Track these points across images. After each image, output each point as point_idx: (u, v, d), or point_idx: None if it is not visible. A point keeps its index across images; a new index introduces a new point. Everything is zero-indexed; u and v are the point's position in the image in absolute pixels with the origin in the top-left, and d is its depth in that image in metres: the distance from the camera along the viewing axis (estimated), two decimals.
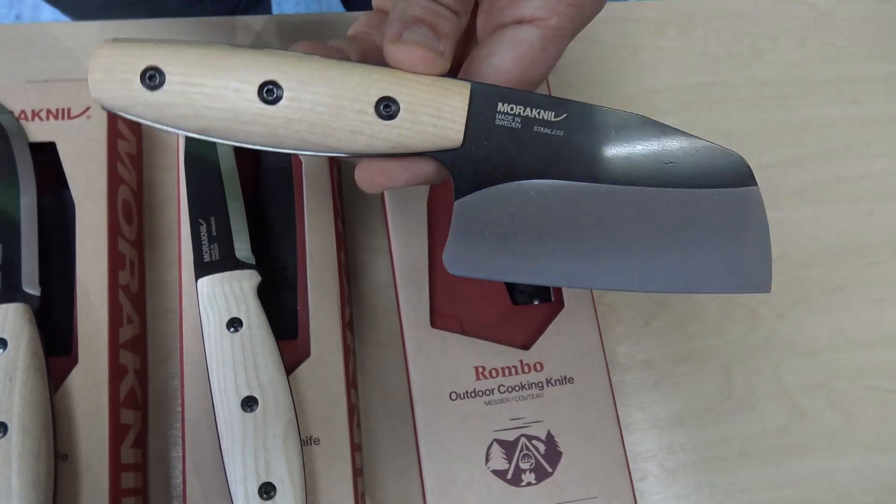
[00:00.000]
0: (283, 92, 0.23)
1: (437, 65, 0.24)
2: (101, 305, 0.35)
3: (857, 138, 0.48)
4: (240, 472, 0.31)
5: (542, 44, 0.26)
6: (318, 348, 0.35)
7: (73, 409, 0.34)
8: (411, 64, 0.24)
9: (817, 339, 0.44)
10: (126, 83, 0.23)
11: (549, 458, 0.35)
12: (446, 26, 0.24)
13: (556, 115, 0.24)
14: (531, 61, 0.26)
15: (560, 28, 0.26)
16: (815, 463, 0.42)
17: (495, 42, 0.26)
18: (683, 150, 0.25)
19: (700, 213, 0.25)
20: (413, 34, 0.24)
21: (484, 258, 0.25)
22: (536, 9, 0.26)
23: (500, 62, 0.25)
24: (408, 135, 0.24)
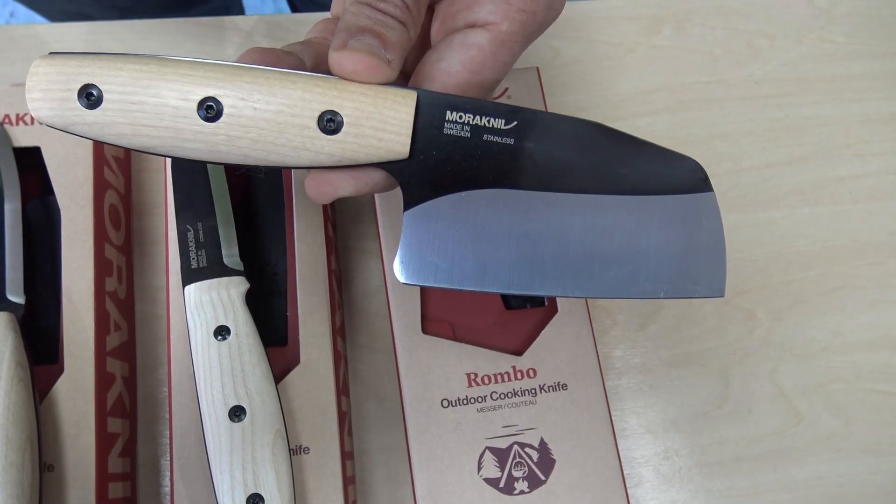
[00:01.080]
0: (222, 108, 0.23)
1: (383, 72, 0.24)
2: (88, 313, 0.35)
3: (855, 137, 0.48)
4: (227, 484, 0.31)
5: (492, 48, 0.25)
6: (308, 355, 0.35)
7: (59, 418, 0.33)
8: (355, 71, 0.23)
9: (815, 341, 0.44)
10: (64, 102, 0.23)
11: (543, 466, 0.35)
12: (393, 36, 0.24)
13: (506, 122, 0.24)
14: (480, 64, 0.25)
15: (511, 33, 0.26)
16: (813, 467, 0.42)
17: (445, 46, 0.26)
18: (637, 156, 0.25)
19: (653, 219, 0.25)
20: (358, 42, 0.23)
21: (433, 267, 0.24)
22: (488, 14, 0.25)
23: (449, 65, 0.25)
24: (353, 149, 0.24)
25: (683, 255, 0.25)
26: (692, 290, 0.25)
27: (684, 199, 0.25)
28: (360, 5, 0.24)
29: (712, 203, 0.25)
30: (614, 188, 0.25)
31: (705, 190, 0.25)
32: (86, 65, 0.23)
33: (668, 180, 0.25)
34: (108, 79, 0.22)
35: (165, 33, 0.46)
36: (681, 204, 0.25)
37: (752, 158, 0.47)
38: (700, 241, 0.25)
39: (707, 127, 0.47)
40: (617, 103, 0.47)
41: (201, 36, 0.46)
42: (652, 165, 0.25)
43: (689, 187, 0.25)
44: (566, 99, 0.47)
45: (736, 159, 0.47)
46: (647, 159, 0.25)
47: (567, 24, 0.49)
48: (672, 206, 0.25)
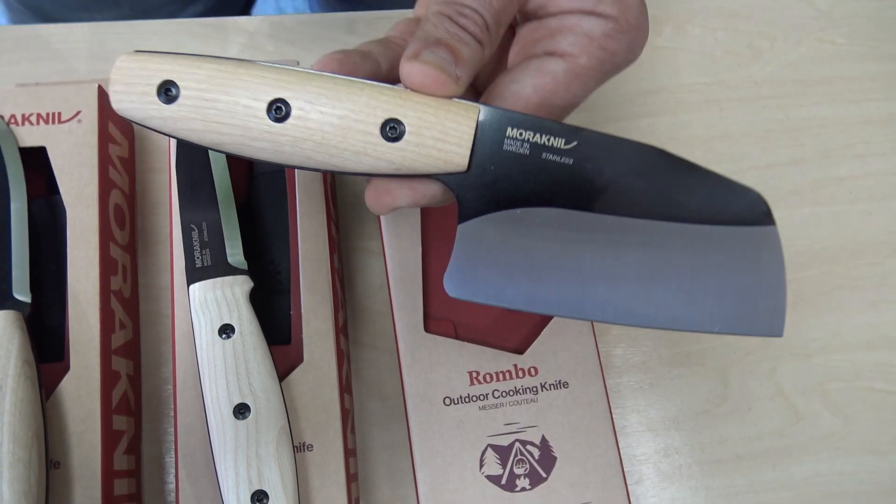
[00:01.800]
0: (291, 110, 0.23)
1: (450, 88, 0.24)
2: (93, 311, 0.35)
3: (855, 138, 0.48)
4: (232, 480, 0.31)
5: (566, 78, 0.26)
6: (312, 353, 0.35)
7: (65, 415, 0.33)
8: (422, 83, 0.24)
9: (814, 340, 0.44)
10: (144, 96, 0.24)
11: (544, 464, 0.35)
12: (467, 53, 0.24)
13: (566, 142, 0.24)
14: (552, 92, 0.26)
15: (588, 67, 0.26)
16: (812, 465, 0.42)
17: (521, 69, 0.26)
18: (698, 185, 0.24)
19: (712, 250, 0.24)
20: (431, 54, 0.24)
21: (485, 284, 0.24)
22: (569, 45, 0.26)
23: (521, 88, 0.25)
24: (412, 157, 0.24)
25: (741, 290, 0.24)
26: (749, 327, 0.24)
27: (745, 232, 0.24)
28: (440, 17, 0.25)
29: (774, 238, 0.25)
30: (673, 216, 0.24)
31: (768, 223, 0.25)
32: (167, 62, 0.24)
33: (729, 211, 0.24)
34: (187, 76, 0.24)
35: (169, 34, 0.46)
36: (741, 236, 0.24)
37: (752, 159, 0.47)
38: (759, 276, 0.24)
39: (707, 128, 0.48)
40: (618, 104, 0.48)
41: (205, 36, 0.47)
42: (713, 195, 0.24)
43: (751, 220, 0.24)
44: None
45: (736, 160, 0.47)
46: (708, 188, 0.24)
47: None
48: (732, 238, 0.24)
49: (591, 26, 0.26)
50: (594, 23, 0.26)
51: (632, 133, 0.47)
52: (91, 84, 0.38)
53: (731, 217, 0.24)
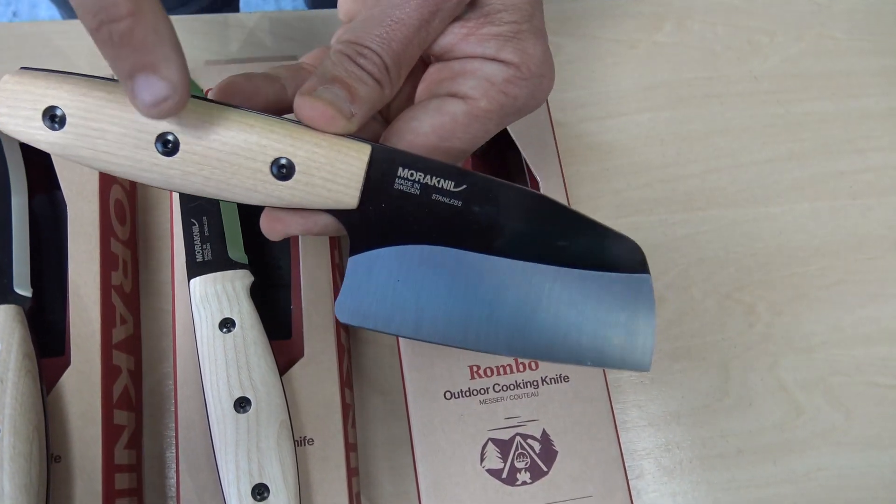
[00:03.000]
0: (179, 144, 0.23)
1: (340, 125, 0.24)
2: (94, 306, 0.35)
3: (855, 133, 0.48)
4: (233, 474, 0.31)
5: (466, 120, 0.26)
6: (312, 348, 0.35)
7: (66, 410, 0.33)
8: (312, 118, 0.24)
9: (815, 335, 0.44)
10: (29, 120, 0.23)
11: (545, 457, 0.35)
12: (364, 92, 0.24)
13: (455, 184, 0.25)
14: (450, 132, 0.26)
15: (487, 111, 0.26)
16: (813, 460, 0.42)
17: (422, 107, 0.26)
18: (580, 233, 0.25)
19: (588, 293, 0.25)
20: (326, 91, 0.24)
21: (374, 314, 0.25)
22: (470, 88, 0.26)
23: (420, 126, 0.26)
24: (302, 195, 0.24)
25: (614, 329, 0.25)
26: (618, 363, 0.25)
27: (621, 278, 0.25)
28: (341, 56, 0.25)
29: (647, 285, 0.25)
30: (554, 259, 0.25)
31: (642, 272, 0.25)
32: (52, 86, 0.23)
33: (606, 258, 0.25)
34: (73, 103, 0.23)
35: None
36: (616, 282, 0.25)
37: (752, 154, 0.47)
38: (631, 319, 0.25)
39: (707, 122, 0.48)
40: (618, 99, 0.48)
41: (205, 33, 0.47)
42: (593, 243, 0.25)
43: (627, 267, 0.25)
44: (568, 95, 0.48)
45: (735, 154, 0.47)
46: (589, 236, 0.25)
47: (569, 20, 0.49)
48: (608, 282, 0.25)
49: (493, 71, 0.26)
50: (496, 68, 0.26)
51: (631, 129, 0.47)
52: None
53: (609, 264, 0.25)
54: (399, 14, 0.25)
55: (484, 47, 0.26)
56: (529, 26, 0.26)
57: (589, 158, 0.46)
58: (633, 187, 0.46)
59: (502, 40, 0.26)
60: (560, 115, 0.47)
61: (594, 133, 0.47)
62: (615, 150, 0.47)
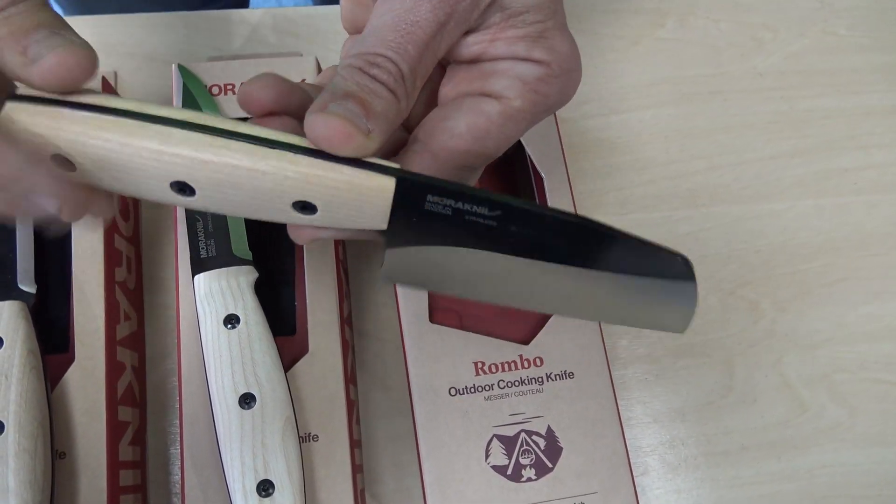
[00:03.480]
0: (195, 191, 0.23)
1: (358, 143, 0.22)
2: (98, 302, 0.35)
3: (859, 129, 0.48)
4: (238, 470, 0.31)
5: (501, 120, 0.26)
6: (317, 344, 0.35)
7: (70, 406, 0.33)
8: (327, 138, 0.22)
9: (819, 331, 0.44)
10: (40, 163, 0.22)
11: (550, 454, 0.35)
12: (380, 106, 0.23)
13: (489, 210, 0.24)
14: (486, 132, 0.26)
15: (521, 110, 0.26)
16: (817, 457, 0.42)
17: (455, 107, 0.26)
18: (627, 252, 0.25)
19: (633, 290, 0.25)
20: (339, 107, 0.22)
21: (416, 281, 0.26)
22: (504, 88, 0.26)
23: (455, 126, 0.25)
24: (328, 224, 0.24)
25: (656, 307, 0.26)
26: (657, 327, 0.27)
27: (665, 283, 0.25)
28: (351, 69, 0.23)
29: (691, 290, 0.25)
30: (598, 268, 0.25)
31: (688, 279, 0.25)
32: (56, 129, 0.22)
33: (653, 272, 0.25)
34: (81, 154, 0.22)
35: (172, 27, 0.46)
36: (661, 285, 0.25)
37: (756, 150, 0.47)
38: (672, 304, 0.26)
39: (710, 119, 0.48)
40: (621, 96, 0.48)
41: (208, 29, 0.47)
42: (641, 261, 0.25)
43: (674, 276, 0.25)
44: None
45: (739, 151, 0.47)
46: (637, 256, 0.25)
47: (571, 16, 0.49)
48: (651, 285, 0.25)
49: (525, 71, 0.26)
50: (527, 68, 0.26)
51: (634, 125, 0.47)
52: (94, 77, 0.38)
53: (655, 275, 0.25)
54: (413, 17, 0.23)
55: (513, 49, 0.26)
56: (554, 23, 0.26)
57: (592, 155, 0.46)
58: (637, 184, 0.46)
59: (530, 41, 0.26)
60: (562, 112, 0.47)
61: (597, 129, 0.47)
62: (618, 147, 0.47)
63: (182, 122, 0.22)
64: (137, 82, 0.45)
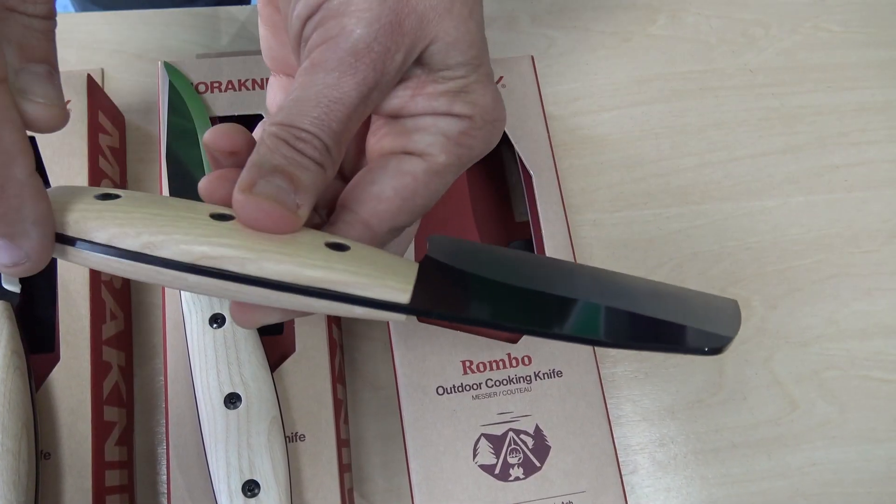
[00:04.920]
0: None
1: (289, 222, 0.22)
2: (84, 301, 0.35)
3: (850, 126, 0.48)
4: (223, 470, 0.31)
5: (426, 178, 0.25)
6: (304, 343, 0.35)
7: (55, 406, 0.33)
8: (258, 221, 0.22)
9: (809, 328, 0.44)
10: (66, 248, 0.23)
11: (538, 453, 0.35)
12: (307, 179, 0.23)
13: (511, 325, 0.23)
14: (413, 192, 0.25)
15: (447, 165, 0.26)
16: (808, 454, 0.42)
17: (379, 170, 0.26)
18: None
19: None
20: (268, 185, 0.22)
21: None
22: (427, 145, 0.25)
23: (382, 190, 0.25)
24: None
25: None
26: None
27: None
28: (277, 140, 0.23)
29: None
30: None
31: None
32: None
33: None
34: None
35: (160, 24, 0.46)
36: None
37: (747, 147, 0.47)
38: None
39: (702, 116, 0.47)
40: (612, 92, 0.47)
41: (196, 26, 0.46)
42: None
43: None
44: (561, 88, 0.47)
45: (730, 148, 0.47)
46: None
47: (562, 13, 0.49)
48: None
49: (447, 126, 0.25)
50: (449, 123, 0.25)
51: (625, 122, 0.47)
52: (80, 73, 0.38)
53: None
54: (336, 94, 0.23)
55: (434, 105, 0.25)
56: (477, 76, 0.26)
57: (582, 152, 0.46)
58: (627, 181, 0.46)
59: (451, 96, 0.25)
60: (552, 109, 0.46)
61: (587, 126, 0.47)
62: (609, 144, 0.46)
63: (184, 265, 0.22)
64: (124, 80, 0.45)
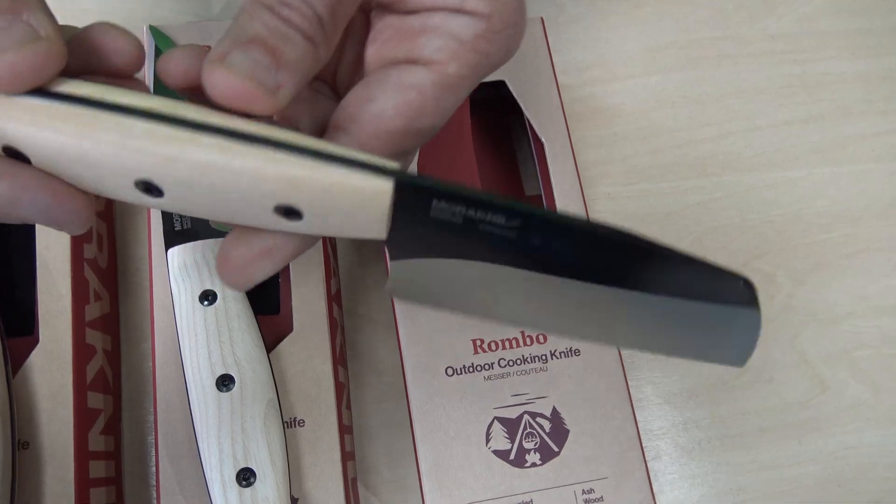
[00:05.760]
0: (163, 192, 0.19)
1: (265, 103, 0.19)
2: (64, 279, 0.32)
3: (876, 94, 0.45)
4: (216, 458, 0.28)
5: (435, 92, 0.21)
6: (301, 322, 0.33)
7: (34, 392, 0.31)
8: (226, 98, 0.19)
9: (838, 305, 0.41)
10: None
11: (555, 437, 0.32)
12: (293, 54, 0.19)
13: (507, 219, 0.20)
14: (419, 110, 0.21)
15: (459, 76, 0.21)
16: (840, 438, 0.39)
17: (379, 83, 0.22)
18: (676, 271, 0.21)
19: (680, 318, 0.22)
20: (241, 57, 0.18)
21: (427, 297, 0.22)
22: (435, 51, 0.21)
23: (382, 109, 0.21)
24: (318, 231, 0.20)
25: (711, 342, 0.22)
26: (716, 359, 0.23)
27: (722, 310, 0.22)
28: (258, 6, 0.19)
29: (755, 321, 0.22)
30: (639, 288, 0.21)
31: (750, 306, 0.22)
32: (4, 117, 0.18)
33: (707, 295, 0.21)
34: (31, 145, 0.19)
35: None
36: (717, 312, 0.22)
37: (768, 116, 0.45)
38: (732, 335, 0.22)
39: (720, 84, 0.45)
40: (625, 61, 0.45)
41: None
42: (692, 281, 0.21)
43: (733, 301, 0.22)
44: (572, 57, 0.45)
45: (751, 117, 0.44)
46: (688, 275, 0.21)
47: None
48: (706, 312, 0.22)
49: (460, 27, 0.21)
50: (463, 22, 0.21)
51: (639, 91, 0.44)
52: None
53: (710, 299, 0.22)
54: None
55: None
56: None
57: (595, 123, 0.44)
58: (643, 153, 0.43)
59: None
60: (563, 78, 0.44)
61: (600, 97, 0.44)
62: (623, 114, 0.44)
63: (147, 113, 0.19)
64: None
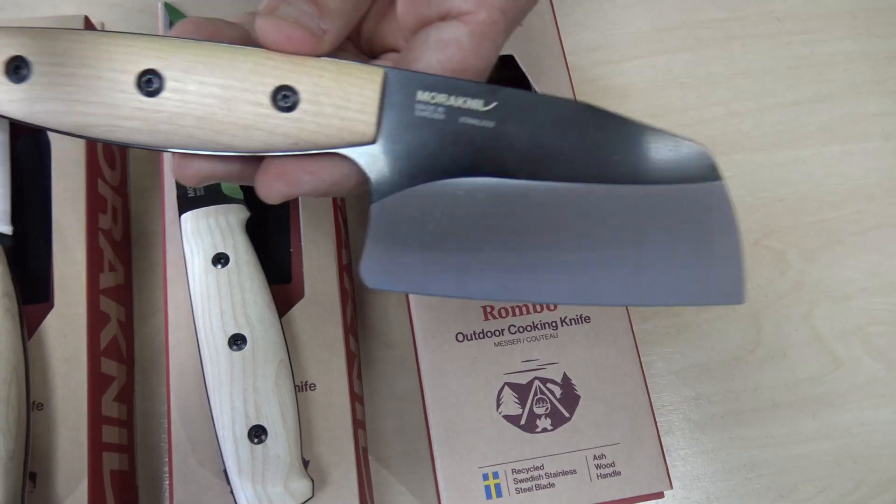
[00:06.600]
0: (164, 82, 0.20)
1: (313, 46, 0.21)
2: (79, 247, 0.33)
3: (884, 73, 0.46)
4: (227, 415, 0.29)
5: (472, 43, 0.22)
6: (313, 289, 0.33)
7: (48, 355, 0.31)
8: (278, 43, 0.21)
9: (851, 281, 0.41)
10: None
11: (566, 403, 0.32)
12: (334, 2, 0.22)
13: (484, 103, 0.21)
14: (461, 63, 0.22)
15: (490, 23, 0.22)
16: (854, 414, 0.39)
17: (420, 45, 0.23)
18: (633, 142, 0.22)
19: (655, 213, 0.22)
20: (289, 8, 0.21)
21: (407, 270, 0.22)
22: (463, 1, 0.22)
23: (427, 66, 0.22)
24: (311, 129, 0.21)
25: (692, 254, 0.22)
26: (705, 296, 0.22)
27: (689, 190, 0.22)
28: None
29: (722, 193, 0.22)
30: (608, 176, 0.22)
31: (713, 178, 0.22)
32: (14, 35, 0.21)
33: (670, 168, 0.22)
34: (38, 49, 0.20)
35: None
36: (686, 194, 0.22)
37: (777, 96, 0.45)
38: (710, 238, 0.22)
39: (728, 65, 0.45)
40: (632, 41, 0.45)
41: None
42: (651, 151, 0.22)
43: (696, 176, 0.22)
44: (580, 38, 0.45)
45: (759, 97, 0.45)
46: (644, 144, 0.22)
47: None
48: (676, 196, 0.22)
49: None
50: None
51: (647, 72, 0.45)
52: (77, 17, 0.36)
53: (674, 174, 0.22)
54: None
55: None
56: None
57: (604, 103, 0.44)
58: None
59: None
60: (571, 59, 0.44)
61: (608, 77, 0.45)
62: (631, 94, 0.44)
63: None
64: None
